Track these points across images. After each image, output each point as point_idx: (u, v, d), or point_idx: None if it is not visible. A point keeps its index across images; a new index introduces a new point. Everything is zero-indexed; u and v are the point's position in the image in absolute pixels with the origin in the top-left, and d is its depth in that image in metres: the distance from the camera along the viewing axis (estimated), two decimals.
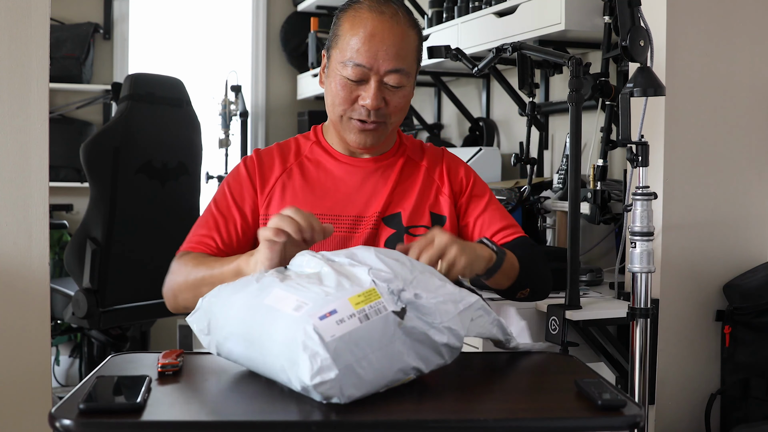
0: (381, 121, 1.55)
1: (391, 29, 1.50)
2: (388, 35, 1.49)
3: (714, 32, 2.11)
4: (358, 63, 1.49)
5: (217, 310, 1.17)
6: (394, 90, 1.53)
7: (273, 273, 1.18)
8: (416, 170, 1.66)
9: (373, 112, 1.52)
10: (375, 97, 1.50)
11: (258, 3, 4.51)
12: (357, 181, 1.61)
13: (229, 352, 1.15)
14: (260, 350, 1.07)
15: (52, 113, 3.59)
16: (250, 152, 4.40)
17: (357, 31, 1.50)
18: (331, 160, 1.63)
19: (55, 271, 3.61)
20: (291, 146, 1.67)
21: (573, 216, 1.87)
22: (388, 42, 1.49)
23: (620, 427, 0.99)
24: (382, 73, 1.50)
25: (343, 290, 1.08)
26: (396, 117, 1.57)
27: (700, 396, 2.12)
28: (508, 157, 2.95)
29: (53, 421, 0.93)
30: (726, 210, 2.14)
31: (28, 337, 2.03)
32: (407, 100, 1.57)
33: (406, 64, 1.52)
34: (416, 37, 1.56)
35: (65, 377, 3.93)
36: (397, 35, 1.50)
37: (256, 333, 1.08)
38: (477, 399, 1.06)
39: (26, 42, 1.99)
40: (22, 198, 2.00)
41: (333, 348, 0.99)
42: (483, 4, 2.79)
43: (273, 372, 1.06)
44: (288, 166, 1.62)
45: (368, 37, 1.49)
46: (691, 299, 2.11)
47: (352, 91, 1.52)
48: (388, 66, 1.50)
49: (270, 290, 1.11)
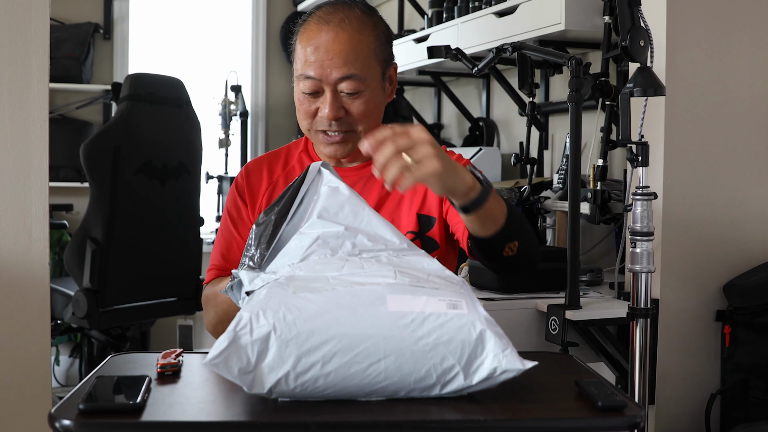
0: (348, 130, 1.53)
1: (335, 38, 1.49)
2: (332, 44, 1.49)
3: (714, 32, 2.10)
4: (308, 75, 1.50)
5: (295, 336, 0.98)
6: (352, 97, 1.51)
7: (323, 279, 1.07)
8: None
9: (335, 123, 1.51)
10: (331, 107, 1.50)
11: (258, 3, 4.51)
12: None
13: (312, 381, 0.99)
14: (394, 363, 0.99)
15: (52, 113, 3.59)
16: (249, 152, 4.43)
17: (305, 45, 1.51)
18: None
19: (55, 271, 3.61)
20: (281, 155, 1.67)
21: (573, 216, 1.87)
22: (333, 51, 1.48)
23: (620, 427, 0.99)
24: (333, 82, 1.49)
25: (431, 282, 1.08)
26: (363, 123, 1.53)
27: (700, 396, 2.12)
28: (508, 157, 2.95)
29: (53, 421, 0.93)
30: (726, 210, 2.14)
31: (28, 337, 2.03)
32: (371, 105, 1.53)
33: (357, 69, 1.49)
34: (369, 40, 1.52)
35: (65, 377, 3.93)
36: (343, 42, 1.49)
37: (392, 344, 0.99)
38: (477, 399, 1.06)
39: (26, 42, 1.99)
40: (22, 198, 2.00)
41: None
42: (483, 4, 2.79)
43: (408, 383, 1.00)
44: (274, 179, 1.63)
45: (314, 49, 1.49)
46: (691, 299, 2.11)
47: (311, 104, 1.53)
48: (338, 74, 1.49)
49: (377, 296, 1.02)
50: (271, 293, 1.04)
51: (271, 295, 1.03)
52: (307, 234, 1.18)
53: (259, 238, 1.21)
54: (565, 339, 1.87)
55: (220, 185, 4.19)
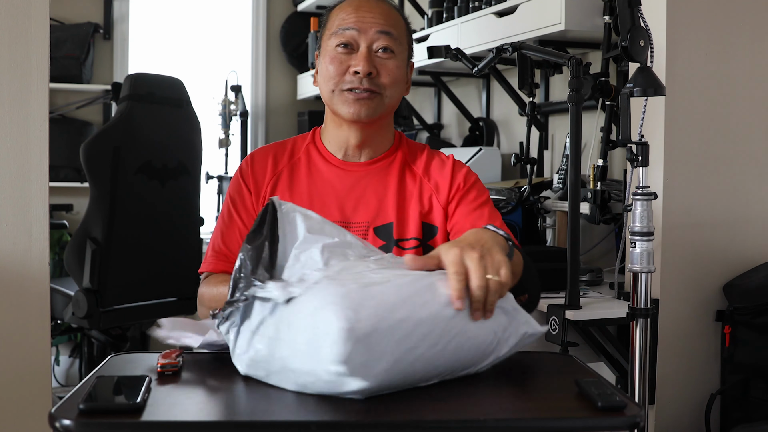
0: (375, 90, 1.54)
1: (376, 4, 1.57)
2: (374, 6, 1.56)
3: (714, 32, 2.11)
4: (346, 27, 1.54)
5: (391, 327, 0.98)
6: (386, 55, 1.54)
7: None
8: (411, 176, 1.62)
9: (366, 80, 1.53)
10: (366, 60, 1.52)
11: (258, 3, 4.51)
12: (347, 186, 1.59)
13: (410, 366, 1.00)
14: (460, 341, 1.04)
15: (52, 113, 3.59)
16: (250, 152, 4.43)
17: (343, 7, 1.57)
18: (322, 162, 1.62)
19: (55, 271, 3.61)
20: (287, 146, 1.66)
21: (573, 216, 1.87)
22: (375, 11, 1.55)
23: (620, 427, 0.99)
24: (371, 35, 1.53)
25: None
26: (390, 90, 1.56)
27: (700, 396, 2.12)
28: (508, 157, 2.95)
29: (53, 421, 0.93)
30: (726, 210, 2.14)
31: (28, 337, 2.03)
32: (399, 73, 1.57)
33: (395, 30, 1.56)
34: (403, 21, 1.61)
35: (65, 377, 3.93)
36: (383, 7, 1.57)
37: (457, 324, 1.03)
38: (477, 399, 1.06)
39: (26, 42, 1.99)
40: (22, 198, 2.00)
41: None
42: (483, 4, 2.79)
43: (467, 359, 1.06)
44: (279, 170, 1.62)
45: (355, 8, 1.56)
46: (691, 299, 2.11)
47: (342, 63, 1.54)
48: (377, 27, 1.54)
49: (426, 283, 1.04)
50: (343, 291, 1.00)
51: (346, 293, 1.00)
52: (311, 246, 1.13)
53: (257, 259, 1.10)
54: (565, 339, 1.87)
55: (220, 185, 4.19)
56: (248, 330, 1.08)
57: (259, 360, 1.06)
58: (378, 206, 1.57)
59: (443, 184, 1.60)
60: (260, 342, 1.06)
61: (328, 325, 0.96)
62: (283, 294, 1.03)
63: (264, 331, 1.06)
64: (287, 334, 1.02)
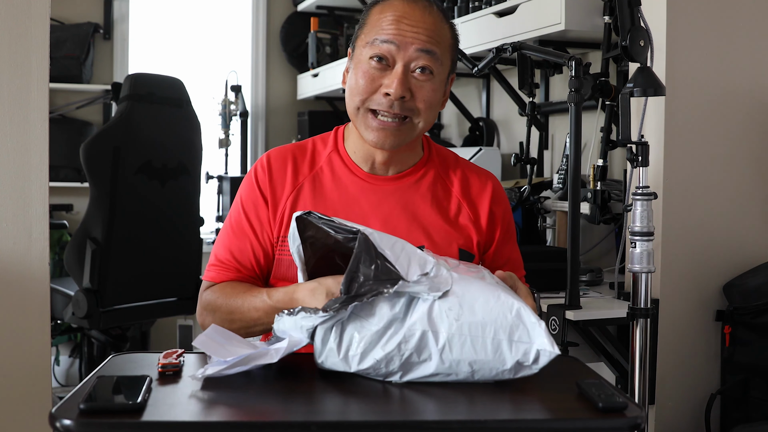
0: (405, 116, 1.39)
1: (422, 14, 1.38)
2: (419, 18, 1.38)
3: (714, 32, 2.10)
4: (384, 39, 1.37)
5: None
6: (423, 77, 1.38)
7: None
8: (445, 192, 1.49)
9: (397, 103, 1.37)
10: (400, 81, 1.36)
11: (258, 3, 4.51)
12: (374, 203, 1.45)
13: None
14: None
15: (52, 113, 3.59)
16: (249, 152, 4.43)
17: (386, 14, 1.39)
18: (347, 174, 1.47)
19: (55, 271, 3.61)
20: (307, 151, 1.50)
21: (573, 216, 1.87)
22: (419, 25, 1.37)
23: (621, 428, 0.99)
24: (411, 53, 1.37)
25: None
26: (424, 115, 1.40)
27: (700, 396, 2.12)
28: (508, 157, 2.95)
29: (53, 421, 0.93)
30: (726, 210, 2.14)
31: (28, 337, 2.03)
32: (437, 96, 1.41)
33: (439, 49, 1.38)
34: (451, 34, 1.44)
35: (65, 377, 3.93)
36: (429, 21, 1.38)
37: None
38: (477, 399, 1.06)
39: (26, 42, 1.99)
40: (22, 198, 2.00)
41: None
42: (483, 4, 2.79)
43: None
44: (300, 182, 1.47)
45: (397, 18, 1.38)
46: (691, 299, 2.11)
47: (375, 80, 1.38)
48: (419, 45, 1.37)
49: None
50: (493, 283, 1.15)
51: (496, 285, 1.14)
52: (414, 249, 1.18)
53: (372, 256, 1.11)
54: (565, 339, 1.87)
55: (220, 185, 4.19)
56: (368, 328, 1.10)
57: (397, 354, 1.09)
58: (408, 228, 1.44)
59: (483, 213, 1.50)
60: (405, 337, 1.09)
61: (526, 314, 1.08)
62: (436, 288, 1.10)
63: (413, 325, 1.09)
64: (465, 327, 1.08)
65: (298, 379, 1.14)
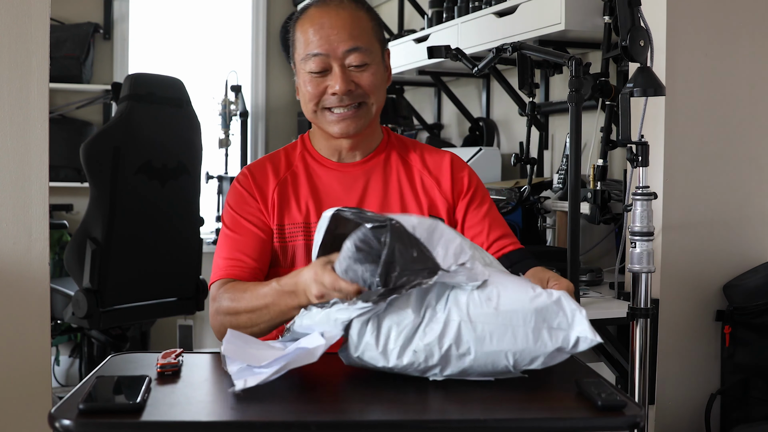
0: (360, 102, 1.54)
1: (337, 15, 1.52)
2: (335, 20, 1.52)
3: (714, 32, 2.11)
4: (314, 53, 1.51)
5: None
6: (360, 69, 1.53)
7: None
8: (408, 169, 1.63)
9: (346, 97, 1.52)
10: (342, 79, 1.51)
11: (258, 3, 4.52)
12: (347, 186, 1.60)
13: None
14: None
15: (52, 113, 3.59)
16: (249, 152, 4.43)
17: (306, 28, 1.53)
18: (319, 167, 1.62)
19: (55, 271, 3.61)
20: (281, 158, 1.65)
21: (573, 216, 1.87)
22: (337, 26, 1.52)
23: (620, 427, 0.99)
24: (341, 54, 1.51)
25: None
26: (374, 97, 1.55)
27: (700, 396, 2.12)
28: (508, 157, 2.95)
29: (53, 421, 0.93)
30: (726, 210, 2.14)
31: (28, 337, 2.03)
32: (379, 79, 1.56)
33: (363, 42, 1.52)
34: (368, 18, 1.57)
35: (65, 377, 3.93)
36: (345, 18, 1.53)
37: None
38: (477, 399, 1.06)
39: (26, 42, 1.99)
40: (22, 198, 2.00)
41: None
42: (483, 4, 2.79)
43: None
44: (281, 177, 1.60)
45: (318, 28, 1.52)
46: (691, 299, 2.11)
47: (319, 84, 1.53)
48: (345, 46, 1.51)
49: None
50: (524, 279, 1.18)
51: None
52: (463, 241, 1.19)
53: (409, 252, 1.11)
54: None
55: (220, 185, 4.19)
56: (405, 320, 1.09)
57: (437, 346, 1.09)
58: (381, 202, 1.58)
59: (445, 180, 1.62)
60: (445, 332, 1.08)
61: (566, 301, 1.09)
62: (474, 278, 1.10)
63: (454, 316, 1.09)
64: (499, 317, 1.08)
65: (297, 378, 1.14)
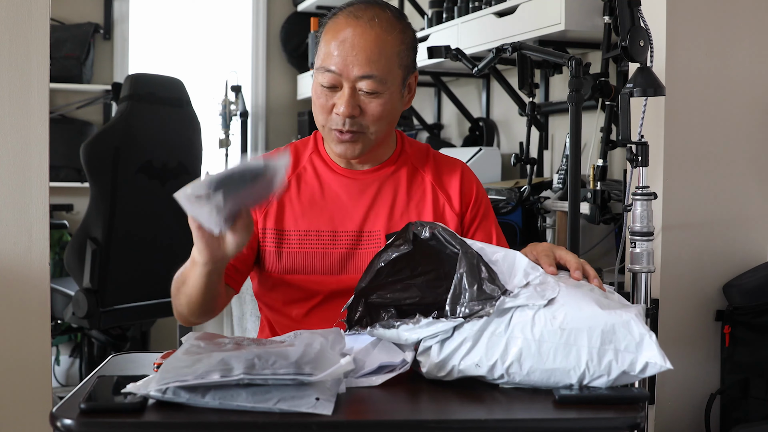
0: (359, 131, 1.49)
1: (362, 34, 1.46)
2: (359, 40, 1.46)
3: (714, 32, 2.11)
4: (329, 69, 1.47)
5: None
6: (370, 97, 1.47)
7: None
8: (420, 180, 1.59)
9: (348, 121, 1.47)
10: (347, 104, 1.46)
11: (258, 3, 4.52)
12: (355, 195, 1.55)
13: None
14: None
15: (52, 113, 3.58)
16: (250, 152, 4.42)
17: (330, 39, 1.48)
18: (328, 172, 1.58)
19: (55, 271, 3.61)
20: (290, 156, 1.60)
21: (573, 216, 1.87)
22: (358, 47, 1.46)
23: (620, 427, 0.99)
24: (353, 78, 1.46)
25: None
26: (376, 126, 1.49)
27: (700, 396, 2.12)
28: (508, 157, 2.95)
29: (54, 421, 0.93)
30: (726, 210, 2.14)
31: (29, 337, 2.03)
32: (387, 108, 1.50)
33: (379, 70, 1.47)
34: (396, 42, 1.50)
35: (65, 377, 3.93)
36: (369, 40, 1.46)
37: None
38: (477, 399, 1.06)
39: (26, 42, 1.99)
40: (22, 198, 2.00)
41: None
42: (483, 4, 2.79)
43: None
44: (286, 179, 1.53)
45: (340, 43, 1.47)
46: (691, 299, 2.11)
47: (328, 99, 1.49)
48: (359, 72, 1.46)
49: None
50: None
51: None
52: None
53: (476, 277, 1.15)
54: None
55: None
56: (468, 336, 1.11)
57: (500, 362, 1.09)
58: (389, 213, 1.54)
59: (454, 192, 1.59)
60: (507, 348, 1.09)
61: (636, 324, 1.09)
62: (538, 299, 1.12)
63: (519, 334, 1.10)
64: (568, 335, 1.09)
65: None
